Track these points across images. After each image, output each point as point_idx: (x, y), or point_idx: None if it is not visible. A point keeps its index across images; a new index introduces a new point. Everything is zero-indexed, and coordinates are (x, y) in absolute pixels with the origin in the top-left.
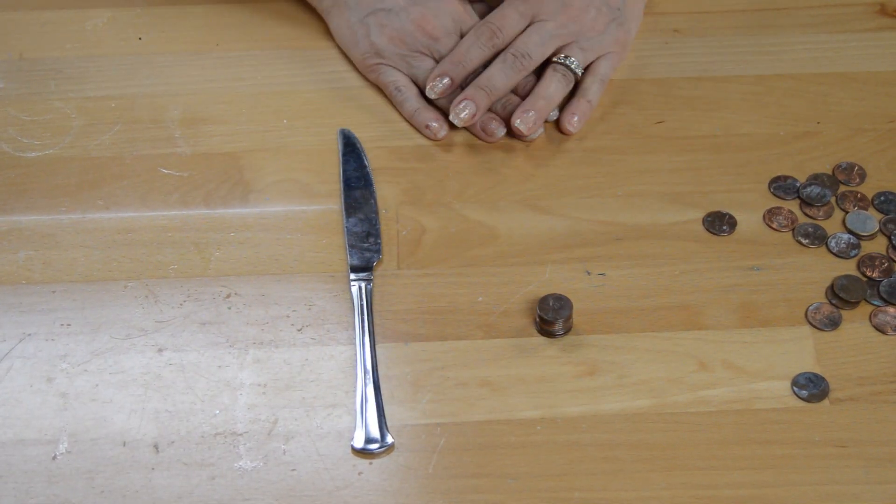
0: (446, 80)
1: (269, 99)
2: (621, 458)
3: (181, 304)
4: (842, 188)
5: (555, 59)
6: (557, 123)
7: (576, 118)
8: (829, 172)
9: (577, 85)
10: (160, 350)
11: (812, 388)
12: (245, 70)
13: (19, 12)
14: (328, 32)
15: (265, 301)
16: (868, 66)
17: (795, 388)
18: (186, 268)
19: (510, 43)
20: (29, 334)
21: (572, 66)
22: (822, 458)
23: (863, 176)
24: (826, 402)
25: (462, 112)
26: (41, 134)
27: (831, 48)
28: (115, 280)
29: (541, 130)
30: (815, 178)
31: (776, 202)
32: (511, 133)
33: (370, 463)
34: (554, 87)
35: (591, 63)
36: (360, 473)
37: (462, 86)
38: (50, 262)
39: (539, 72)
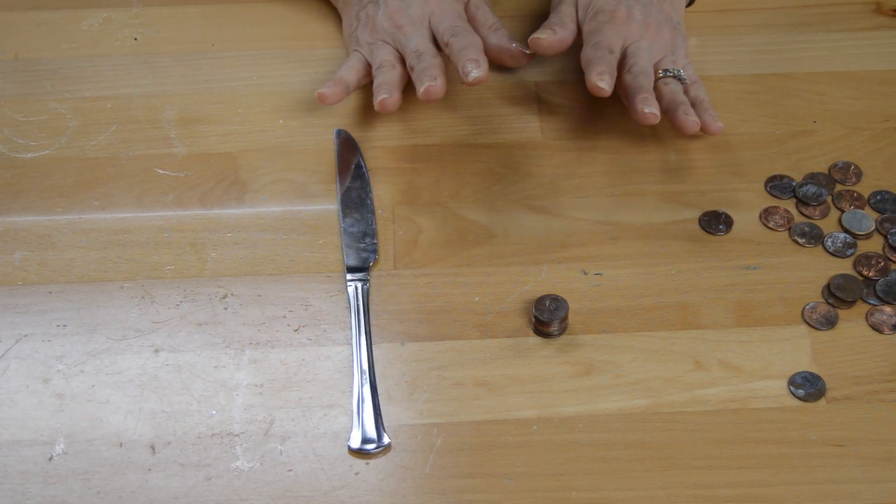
0: (608, 76)
1: (265, 99)
2: (618, 458)
3: (177, 305)
4: (838, 187)
5: (659, 73)
6: (704, 130)
7: (714, 118)
8: (826, 172)
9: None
10: (157, 351)
11: (808, 387)
12: (241, 70)
13: (15, 13)
14: (324, 32)
15: (261, 301)
16: (864, 66)
17: (792, 388)
18: (183, 268)
19: (624, 64)
20: (25, 335)
21: (679, 74)
22: (819, 458)
23: (859, 175)
24: (822, 401)
25: (647, 107)
26: (37, 134)
27: (827, 47)
28: (112, 281)
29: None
30: (812, 178)
31: (772, 201)
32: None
33: (367, 463)
34: (679, 94)
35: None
36: (356, 473)
37: None
38: (46, 262)
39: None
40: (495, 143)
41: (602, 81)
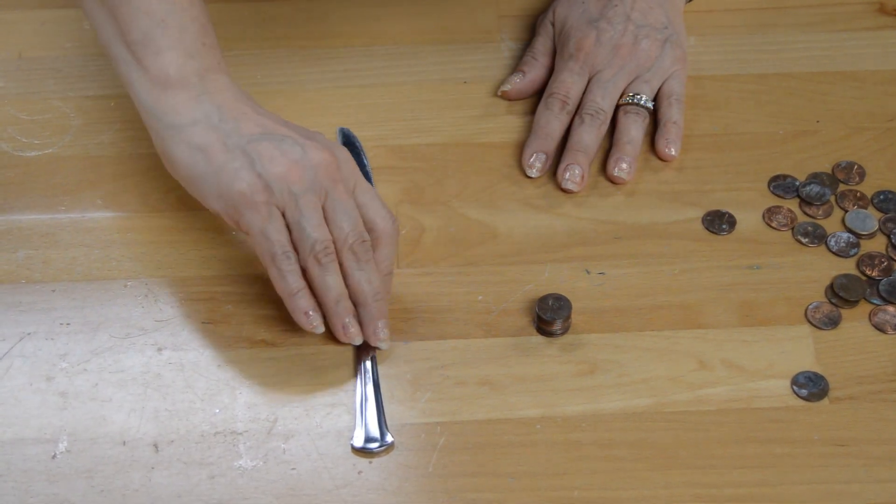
0: (542, 156)
1: (268, 98)
2: (621, 457)
3: (181, 303)
4: (841, 187)
5: (621, 101)
6: (656, 153)
7: (671, 144)
8: (829, 171)
9: (657, 112)
10: (160, 349)
11: (812, 387)
12: (243, 69)
13: (18, 11)
14: (327, 32)
15: (264, 300)
16: (868, 65)
17: (795, 387)
18: (185, 267)
19: (580, 103)
20: (28, 333)
21: (641, 103)
22: (822, 457)
23: (862, 175)
24: (826, 401)
25: (572, 175)
26: (40, 133)
27: (831, 47)
28: (115, 279)
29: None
30: (815, 177)
31: (776, 201)
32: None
33: (370, 462)
34: (633, 129)
35: (661, 88)
36: (359, 472)
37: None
38: (49, 261)
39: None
40: (498, 142)
41: (531, 170)
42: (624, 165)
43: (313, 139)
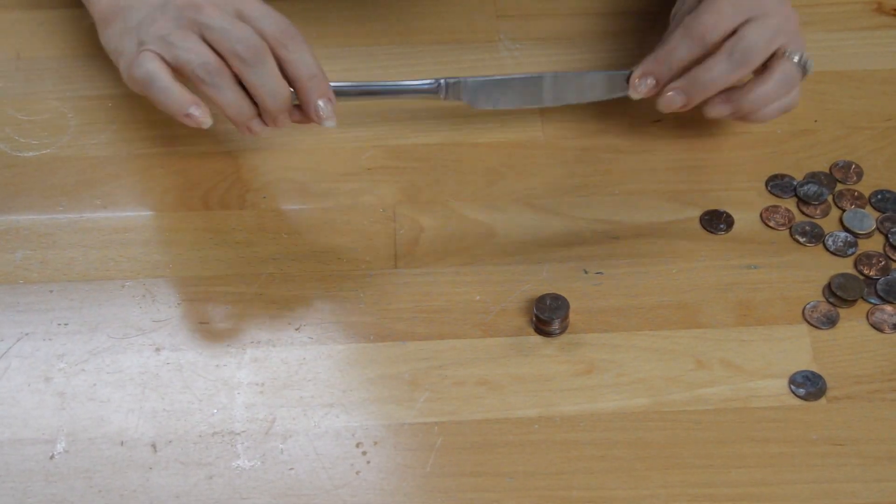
0: (650, 81)
1: None
2: (619, 457)
3: (179, 304)
4: (839, 186)
5: (785, 52)
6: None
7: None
8: (827, 171)
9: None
10: (158, 349)
11: (809, 386)
12: None
13: (16, 11)
14: (327, 31)
15: (263, 300)
16: (865, 65)
17: (793, 387)
18: (183, 267)
19: (726, 38)
20: (26, 334)
21: (807, 67)
22: (820, 457)
23: (860, 174)
24: (823, 400)
25: (673, 103)
26: (38, 133)
27: (828, 46)
28: (113, 279)
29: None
30: (813, 177)
31: (773, 200)
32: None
33: (368, 462)
34: (774, 84)
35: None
36: (357, 472)
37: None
38: (47, 261)
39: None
40: (496, 141)
41: (640, 86)
42: (723, 108)
43: None
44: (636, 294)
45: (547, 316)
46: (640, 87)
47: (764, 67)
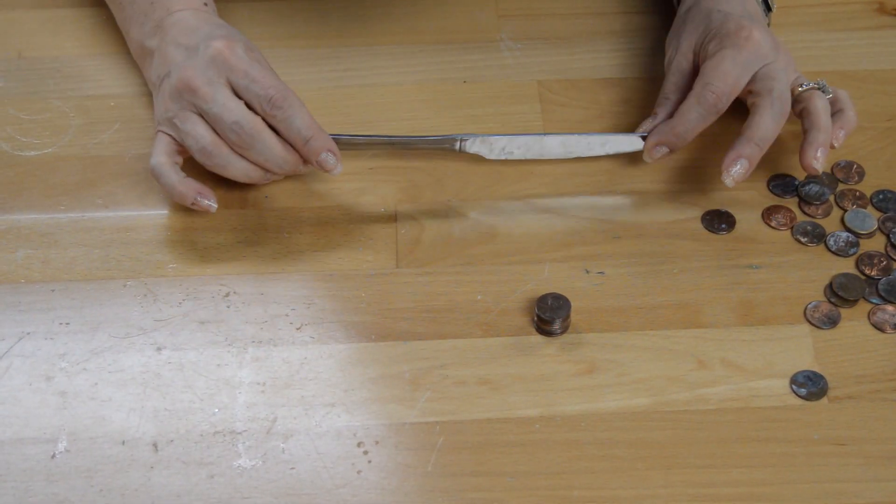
0: (664, 150)
1: None
2: (620, 457)
3: (180, 303)
4: (840, 186)
5: (805, 84)
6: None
7: (842, 132)
8: (828, 171)
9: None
10: (159, 349)
11: (811, 386)
12: None
13: (18, 11)
14: (327, 32)
15: (264, 299)
16: (867, 65)
17: (794, 387)
18: (185, 266)
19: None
20: (28, 333)
21: (825, 89)
22: (821, 457)
23: (861, 174)
24: (825, 400)
25: (737, 170)
26: (40, 133)
27: (830, 46)
28: (114, 279)
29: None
30: (814, 177)
31: (775, 200)
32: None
33: (369, 461)
34: (824, 116)
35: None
36: (358, 472)
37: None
38: (49, 260)
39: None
40: None
41: (655, 154)
42: (827, 145)
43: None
44: (637, 294)
45: (548, 316)
46: (654, 155)
47: (803, 110)
